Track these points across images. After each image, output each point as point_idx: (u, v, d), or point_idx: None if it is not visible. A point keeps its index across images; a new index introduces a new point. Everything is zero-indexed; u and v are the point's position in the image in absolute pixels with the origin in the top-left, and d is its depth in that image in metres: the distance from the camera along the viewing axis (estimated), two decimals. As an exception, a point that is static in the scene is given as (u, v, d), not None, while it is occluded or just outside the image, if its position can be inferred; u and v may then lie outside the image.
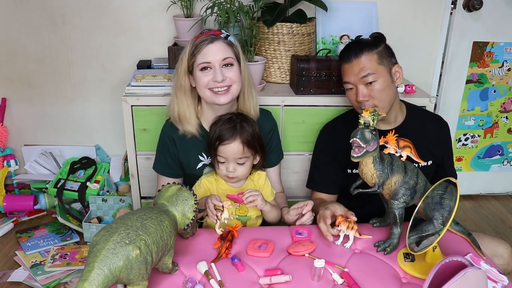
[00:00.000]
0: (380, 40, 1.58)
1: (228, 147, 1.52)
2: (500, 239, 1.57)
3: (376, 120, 1.24)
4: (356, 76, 1.54)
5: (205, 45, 1.53)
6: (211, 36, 1.54)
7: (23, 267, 2.11)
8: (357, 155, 1.23)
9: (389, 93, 1.56)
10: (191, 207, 1.22)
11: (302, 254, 1.31)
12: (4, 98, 2.58)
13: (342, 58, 1.59)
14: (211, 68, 1.54)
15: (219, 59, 1.53)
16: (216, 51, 1.53)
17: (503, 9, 2.53)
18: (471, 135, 2.80)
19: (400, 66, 1.61)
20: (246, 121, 1.57)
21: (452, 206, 1.23)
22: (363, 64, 1.53)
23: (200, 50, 1.54)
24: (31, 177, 2.60)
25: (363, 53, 1.53)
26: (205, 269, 1.23)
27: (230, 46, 1.56)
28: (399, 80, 1.60)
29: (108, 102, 2.57)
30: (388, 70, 1.56)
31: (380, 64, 1.54)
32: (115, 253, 1.01)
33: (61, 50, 2.48)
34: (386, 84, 1.55)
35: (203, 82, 1.55)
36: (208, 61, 1.53)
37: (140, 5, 2.40)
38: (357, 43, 1.57)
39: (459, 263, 1.07)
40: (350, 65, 1.55)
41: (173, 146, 1.65)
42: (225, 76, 1.54)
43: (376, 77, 1.53)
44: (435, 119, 1.75)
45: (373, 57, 1.53)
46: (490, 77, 2.68)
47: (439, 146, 1.69)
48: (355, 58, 1.53)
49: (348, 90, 1.61)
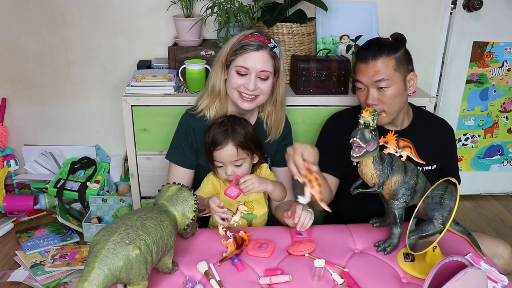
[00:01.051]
0: (401, 44, 1.54)
1: (222, 151, 1.50)
2: (500, 239, 1.57)
3: (376, 120, 1.24)
4: (370, 79, 1.50)
5: (250, 50, 1.52)
6: (259, 43, 1.53)
7: (23, 267, 2.11)
8: (357, 155, 1.23)
9: (399, 101, 1.54)
10: (191, 207, 1.22)
11: (302, 254, 1.31)
12: (4, 98, 2.58)
13: (359, 57, 1.54)
14: (247, 74, 1.54)
15: (258, 69, 1.53)
16: (258, 60, 1.52)
17: (503, 9, 2.53)
18: (471, 135, 2.80)
19: (415, 74, 1.57)
20: (238, 123, 1.56)
21: (452, 206, 1.23)
22: (379, 67, 1.49)
23: (243, 52, 1.53)
24: (31, 177, 2.60)
25: (382, 56, 1.49)
26: (205, 269, 1.23)
27: (273, 59, 1.55)
28: (412, 88, 1.57)
29: (108, 102, 2.57)
30: (403, 77, 1.52)
31: (396, 70, 1.50)
32: (115, 253, 1.01)
33: (61, 50, 2.48)
34: (398, 92, 1.52)
35: (235, 83, 1.55)
36: (247, 67, 1.53)
37: (140, 5, 2.40)
38: (377, 43, 1.52)
39: (459, 263, 1.07)
40: (366, 65, 1.51)
41: (192, 135, 1.64)
42: (257, 86, 1.54)
43: (390, 83, 1.50)
44: (440, 123, 1.73)
45: (391, 62, 1.49)
46: (490, 77, 2.68)
47: (443, 150, 1.68)
48: (372, 60, 1.49)
49: (359, 90, 1.58)
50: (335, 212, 1.84)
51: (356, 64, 1.56)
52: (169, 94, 1.97)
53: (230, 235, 1.35)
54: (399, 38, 1.56)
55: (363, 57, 1.52)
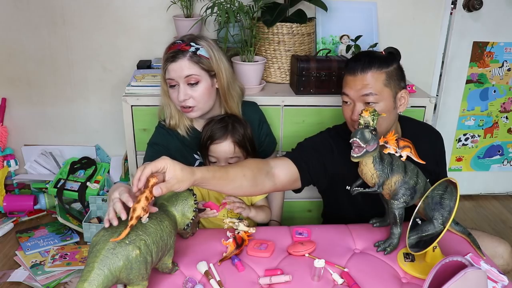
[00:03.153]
0: (394, 59, 1.44)
1: (219, 146, 1.52)
2: (500, 239, 1.57)
3: (376, 120, 1.24)
4: (357, 92, 1.41)
5: (169, 63, 1.53)
6: (177, 52, 1.52)
7: (23, 267, 2.11)
8: (357, 155, 1.23)
9: (387, 119, 1.43)
10: (191, 207, 1.22)
11: (302, 254, 1.31)
12: (4, 98, 2.58)
13: (348, 69, 1.44)
14: (177, 84, 1.55)
15: (182, 77, 1.53)
16: (179, 69, 1.52)
17: (503, 9, 2.53)
18: (471, 135, 2.80)
19: (407, 92, 1.47)
20: (239, 122, 1.58)
21: (452, 206, 1.23)
22: (367, 81, 1.39)
23: (166, 67, 1.54)
24: (31, 177, 2.60)
25: (372, 69, 1.39)
26: (205, 269, 1.23)
27: (196, 63, 1.53)
28: (402, 107, 1.47)
29: (108, 102, 2.57)
30: (393, 94, 1.43)
31: (386, 86, 1.41)
32: (115, 253, 1.01)
33: (61, 50, 2.48)
34: (387, 109, 1.42)
35: (173, 98, 1.58)
36: (172, 78, 1.54)
37: (140, 5, 2.40)
38: (368, 56, 1.43)
39: (459, 263, 1.07)
40: (354, 78, 1.41)
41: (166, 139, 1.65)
42: (189, 95, 1.54)
43: (378, 99, 1.40)
44: (427, 131, 1.64)
45: (381, 76, 1.40)
46: (490, 77, 2.68)
47: (435, 161, 1.61)
48: (361, 72, 1.40)
49: (344, 104, 1.48)
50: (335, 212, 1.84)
51: (343, 76, 1.47)
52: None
53: (230, 235, 1.35)
54: (392, 52, 1.47)
55: (351, 68, 1.42)
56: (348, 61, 1.48)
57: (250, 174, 1.30)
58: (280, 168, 1.40)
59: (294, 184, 1.47)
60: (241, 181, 1.27)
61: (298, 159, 1.45)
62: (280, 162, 1.43)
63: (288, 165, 1.43)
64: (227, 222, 1.38)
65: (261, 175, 1.34)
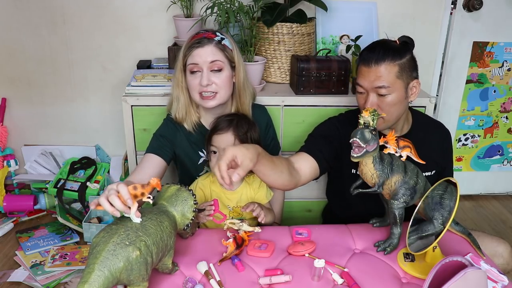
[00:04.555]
0: (408, 49, 1.48)
1: (221, 136, 1.54)
2: (500, 239, 1.57)
3: (376, 120, 1.24)
4: (370, 83, 1.45)
5: (195, 48, 1.55)
6: (203, 39, 1.55)
7: (23, 267, 2.11)
8: (357, 155, 1.23)
9: (398, 108, 1.49)
10: (191, 207, 1.21)
11: (302, 254, 1.31)
12: (4, 98, 2.58)
13: (362, 59, 1.48)
14: (200, 71, 1.56)
15: (207, 62, 1.55)
16: (204, 54, 1.54)
17: (503, 9, 2.53)
18: (471, 135, 2.80)
19: (418, 82, 1.51)
20: (245, 120, 1.60)
21: (452, 206, 1.23)
22: (381, 73, 1.43)
23: (190, 52, 1.56)
24: (31, 177, 2.60)
25: (385, 61, 1.43)
26: (205, 269, 1.23)
27: (221, 51, 1.56)
28: (413, 96, 1.51)
29: (108, 102, 2.57)
30: (404, 85, 1.47)
31: (398, 77, 1.44)
32: (115, 254, 1.01)
33: (61, 50, 2.48)
34: (399, 99, 1.47)
35: (193, 84, 1.58)
36: (196, 63, 1.55)
37: (140, 5, 2.40)
38: (383, 47, 1.46)
39: (459, 263, 1.07)
40: (368, 69, 1.45)
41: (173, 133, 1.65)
42: (212, 81, 1.56)
43: (390, 90, 1.44)
44: (438, 127, 1.70)
45: (394, 69, 1.43)
46: (490, 77, 2.68)
47: (442, 155, 1.66)
48: (375, 64, 1.43)
49: (358, 93, 1.53)
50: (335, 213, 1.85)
51: (358, 65, 1.51)
52: (169, 94, 1.97)
53: (230, 235, 1.35)
54: (407, 42, 1.50)
55: (366, 60, 1.46)
56: (363, 51, 1.52)
57: (286, 166, 1.40)
58: (300, 163, 1.49)
59: (315, 174, 1.54)
60: (282, 168, 1.38)
61: (313, 150, 1.54)
62: (299, 157, 1.52)
63: (306, 158, 1.52)
64: (227, 223, 1.38)
65: (291, 169, 1.43)
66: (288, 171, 1.41)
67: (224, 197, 1.59)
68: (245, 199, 1.60)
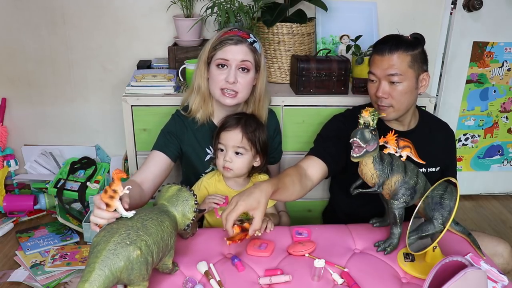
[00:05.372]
0: (419, 43, 1.54)
1: (229, 133, 1.55)
2: (500, 238, 1.57)
3: (376, 120, 1.24)
4: (383, 71, 1.50)
5: (228, 44, 1.55)
6: (238, 38, 1.55)
7: (23, 267, 2.11)
8: (357, 155, 1.23)
9: (409, 98, 1.53)
10: (191, 208, 1.22)
11: (302, 254, 1.31)
12: (4, 98, 2.58)
13: (376, 49, 1.54)
14: (228, 66, 1.55)
15: (238, 60, 1.55)
16: (237, 52, 1.55)
17: (503, 9, 2.53)
18: (471, 135, 2.80)
19: (428, 75, 1.57)
20: (255, 120, 1.61)
21: (452, 206, 1.23)
22: (394, 61, 1.49)
23: (222, 47, 1.55)
24: (31, 177, 2.60)
25: (398, 51, 1.49)
26: (205, 269, 1.23)
27: (252, 52, 1.57)
28: (423, 88, 1.57)
29: (108, 102, 2.57)
30: (416, 75, 1.52)
31: (410, 67, 1.50)
32: (116, 253, 1.01)
33: (61, 50, 2.48)
34: (409, 89, 1.51)
35: (217, 79, 1.57)
36: (227, 59, 1.55)
37: (140, 5, 2.40)
38: (396, 39, 1.53)
39: (459, 263, 1.07)
40: (381, 58, 1.51)
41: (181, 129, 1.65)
42: (237, 80, 1.55)
43: (402, 79, 1.50)
44: (443, 126, 1.74)
45: (406, 58, 1.49)
46: (490, 77, 2.68)
47: (446, 153, 1.68)
48: (388, 53, 1.49)
49: (370, 82, 1.57)
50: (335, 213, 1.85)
51: (371, 56, 1.57)
52: (169, 94, 1.97)
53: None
54: (418, 38, 1.56)
55: (379, 49, 1.52)
56: (376, 43, 1.58)
57: (297, 180, 1.41)
58: (312, 168, 1.51)
59: (324, 176, 1.56)
60: (293, 187, 1.39)
61: (322, 154, 1.55)
62: (310, 162, 1.53)
63: (317, 162, 1.53)
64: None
65: (303, 178, 1.45)
66: (300, 184, 1.43)
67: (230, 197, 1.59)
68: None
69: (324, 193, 2.05)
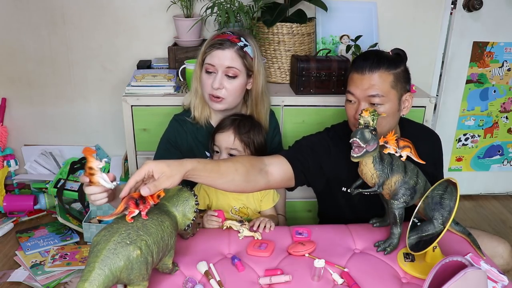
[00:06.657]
0: (401, 61, 1.43)
1: (222, 135, 1.55)
2: (500, 238, 1.57)
3: (376, 120, 1.24)
4: (363, 92, 1.39)
5: (215, 49, 1.54)
6: (226, 41, 1.54)
7: (23, 267, 2.11)
8: (357, 155, 1.23)
9: (390, 121, 1.43)
10: (192, 208, 1.22)
11: (302, 254, 1.31)
12: (4, 98, 2.58)
13: (355, 67, 1.41)
14: (215, 72, 1.55)
15: (224, 66, 1.54)
16: (223, 57, 1.53)
17: (503, 9, 2.53)
18: (471, 135, 2.80)
19: (411, 96, 1.46)
20: (250, 122, 1.60)
21: (452, 206, 1.23)
22: (375, 81, 1.37)
23: (210, 51, 1.55)
24: (31, 177, 2.60)
25: (380, 69, 1.37)
26: (205, 269, 1.23)
27: (241, 58, 1.55)
28: (405, 110, 1.46)
29: (108, 102, 2.57)
30: (398, 96, 1.41)
31: (393, 87, 1.39)
32: (116, 253, 1.01)
33: (61, 50, 2.48)
34: (391, 111, 1.41)
35: (205, 84, 1.58)
36: (213, 64, 1.54)
37: (140, 5, 2.40)
38: (377, 55, 1.40)
39: (459, 263, 1.07)
40: (361, 77, 1.39)
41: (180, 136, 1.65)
42: (223, 85, 1.55)
43: (384, 100, 1.39)
44: (427, 135, 1.63)
45: (389, 77, 1.38)
46: (490, 77, 2.68)
47: (432, 163, 1.57)
48: (369, 71, 1.37)
49: (348, 103, 1.45)
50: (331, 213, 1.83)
51: (350, 74, 1.44)
52: (169, 94, 1.97)
53: None
54: (400, 54, 1.45)
55: (359, 67, 1.39)
56: (355, 59, 1.46)
57: (242, 170, 1.28)
58: (274, 166, 1.39)
59: (288, 183, 1.45)
60: (233, 175, 1.26)
61: (293, 159, 1.44)
62: (275, 160, 1.41)
63: (283, 163, 1.42)
64: (226, 225, 1.38)
65: (254, 172, 1.32)
66: (246, 176, 1.29)
67: (230, 197, 1.59)
68: (251, 201, 1.60)
69: (324, 193, 2.05)
